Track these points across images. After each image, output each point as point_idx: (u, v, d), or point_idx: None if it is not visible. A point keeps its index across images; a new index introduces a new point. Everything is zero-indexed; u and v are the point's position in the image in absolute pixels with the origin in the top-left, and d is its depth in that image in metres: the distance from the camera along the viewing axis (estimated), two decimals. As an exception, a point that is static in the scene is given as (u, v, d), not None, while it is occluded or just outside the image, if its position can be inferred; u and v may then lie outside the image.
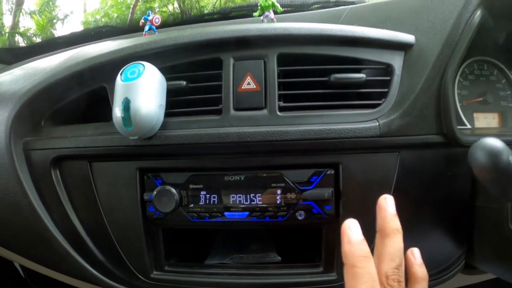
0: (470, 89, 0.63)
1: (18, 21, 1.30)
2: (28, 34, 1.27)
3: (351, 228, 0.38)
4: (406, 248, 0.44)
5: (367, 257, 0.36)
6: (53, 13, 1.26)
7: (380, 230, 0.39)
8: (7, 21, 1.31)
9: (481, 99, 0.63)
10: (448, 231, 0.54)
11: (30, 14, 1.28)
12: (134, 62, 0.50)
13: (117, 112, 0.47)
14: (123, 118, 0.47)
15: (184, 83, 0.53)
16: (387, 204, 0.41)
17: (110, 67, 0.54)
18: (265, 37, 0.51)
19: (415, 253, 0.43)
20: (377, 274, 0.36)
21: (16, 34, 1.26)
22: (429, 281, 0.55)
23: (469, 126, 0.61)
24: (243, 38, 0.52)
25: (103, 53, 0.55)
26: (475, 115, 0.63)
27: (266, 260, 0.57)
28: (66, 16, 1.24)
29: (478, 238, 0.53)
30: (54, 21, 1.25)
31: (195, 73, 0.53)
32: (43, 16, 1.25)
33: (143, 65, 0.49)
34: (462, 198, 0.52)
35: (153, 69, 0.50)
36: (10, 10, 1.32)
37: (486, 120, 0.63)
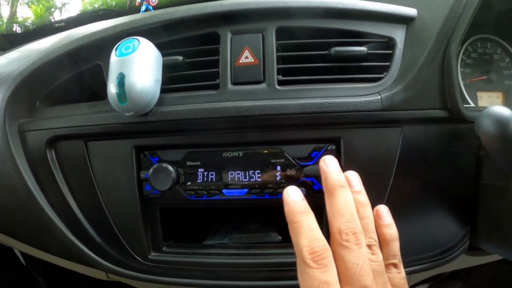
0: (474, 67, 0.62)
1: (15, 11, 1.29)
2: (26, 23, 1.26)
3: (289, 192, 0.38)
4: (408, 228, 0.43)
5: (304, 212, 0.36)
6: (51, 2, 1.25)
7: (325, 191, 0.39)
8: (5, 11, 1.30)
9: (484, 77, 0.62)
10: (452, 210, 0.53)
11: (27, 3, 1.27)
12: (129, 38, 0.49)
13: (112, 88, 0.46)
14: (118, 94, 0.46)
15: (181, 58, 0.52)
16: (326, 164, 0.40)
17: (104, 44, 0.53)
18: (263, 10, 0.50)
19: (381, 213, 0.42)
20: (329, 231, 0.36)
21: (14, 24, 1.25)
22: (433, 261, 0.54)
23: (472, 105, 0.60)
24: (240, 11, 0.50)
25: (97, 31, 0.54)
26: (479, 94, 0.62)
27: (266, 240, 0.56)
28: (64, 4, 1.23)
29: (482, 218, 0.52)
30: (52, 9, 1.24)
31: (192, 48, 0.52)
32: (40, 5, 1.24)
33: (138, 40, 0.48)
34: (466, 175, 0.51)
35: (149, 44, 0.49)
36: (8, 0, 1.31)
37: (489, 99, 0.62)
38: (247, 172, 0.51)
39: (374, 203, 0.49)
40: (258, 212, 0.62)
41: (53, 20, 1.27)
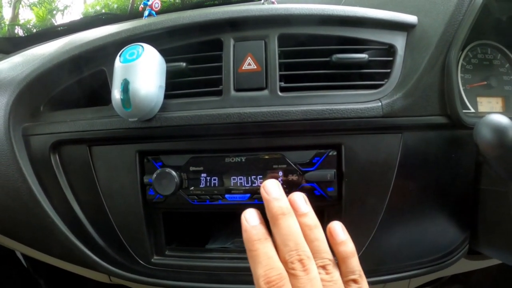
0: (474, 73, 0.63)
1: (18, 13, 1.30)
2: (28, 26, 1.27)
3: (246, 217, 0.38)
4: (408, 232, 0.44)
5: (261, 239, 0.36)
6: (53, 4, 1.26)
7: (269, 219, 0.38)
8: (7, 13, 1.31)
9: (484, 83, 0.62)
10: (452, 214, 0.53)
11: (29, 6, 1.28)
12: (133, 44, 0.49)
13: (116, 94, 0.47)
14: (122, 99, 0.46)
15: (184, 64, 0.52)
16: (266, 191, 0.39)
17: (108, 50, 0.54)
18: (265, 17, 0.51)
19: (333, 231, 0.39)
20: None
21: (16, 26, 1.26)
22: (433, 265, 0.55)
23: (472, 110, 0.61)
24: (243, 18, 0.51)
25: (102, 36, 0.54)
26: (479, 99, 0.62)
27: (267, 244, 0.56)
28: (66, 7, 1.24)
29: (482, 222, 0.52)
30: (54, 12, 1.25)
31: (195, 55, 0.53)
32: (42, 8, 1.25)
33: (142, 46, 0.48)
34: (466, 181, 0.52)
35: (152, 51, 0.49)
36: (10, 2, 1.32)
37: (489, 104, 0.63)
38: (249, 177, 0.51)
39: (374, 208, 0.50)
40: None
41: (55, 23, 1.28)
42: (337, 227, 0.39)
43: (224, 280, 0.55)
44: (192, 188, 0.52)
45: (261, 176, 0.51)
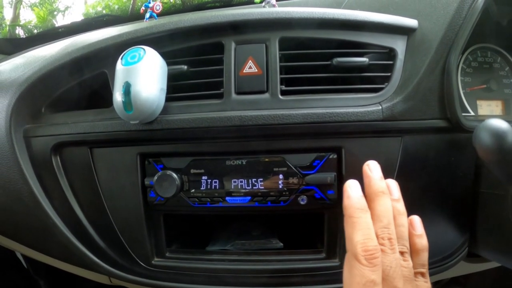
0: (474, 76, 0.63)
1: (18, 14, 1.30)
2: (29, 26, 1.27)
3: (351, 186, 0.41)
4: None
5: (363, 209, 0.39)
6: (54, 5, 1.27)
7: (367, 195, 0.41)
8: (8, 14, 1.31)
9: (484, 86, 0.62)
10: (451, 217, 0.53)
11: (30, 6, 1.28)
12: (134, 47, 0.49)
13: (118, 96, 0.47)
14: (123, 102, 0.47)
15: (185, 67, 0.52)
16: (370, 170, 0.43)
17: (110, 52, 0.54)
18: (266, 20, 0.51)
19: (414, 223, 0.43)
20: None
21: (17, 27, 1.26)
22: (432, 268, 0.55)
23: (472, 114, 0.61)
24: (244, 22, 0.51)
25: (103, 39, 0.55)
26: (479, 102, 0.63)
27: (268, 246, 0.57)
28: (66, 8, 1.24)
29: (481, 225, 0.52)
30: (55, 13, 1.25)
31: (196, 58, 0.53)
32: (43, 8, 1.25)
33: (143, 49, 0.49)
34: (465, 184, 0.52)
35: (154, 53, 0.49)
36: (11, 3, 1.32)
37: (489, 107, 0.63)
38: (250, 180, 0.51)
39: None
40: (260, 219, 0.63)
41: (56, 23, 1.29)
42: (418, 221, 0.44)
43: (224, 282, 0.55)
44: (193, 190, 0.53)
45: (261, 179, 0.51)
